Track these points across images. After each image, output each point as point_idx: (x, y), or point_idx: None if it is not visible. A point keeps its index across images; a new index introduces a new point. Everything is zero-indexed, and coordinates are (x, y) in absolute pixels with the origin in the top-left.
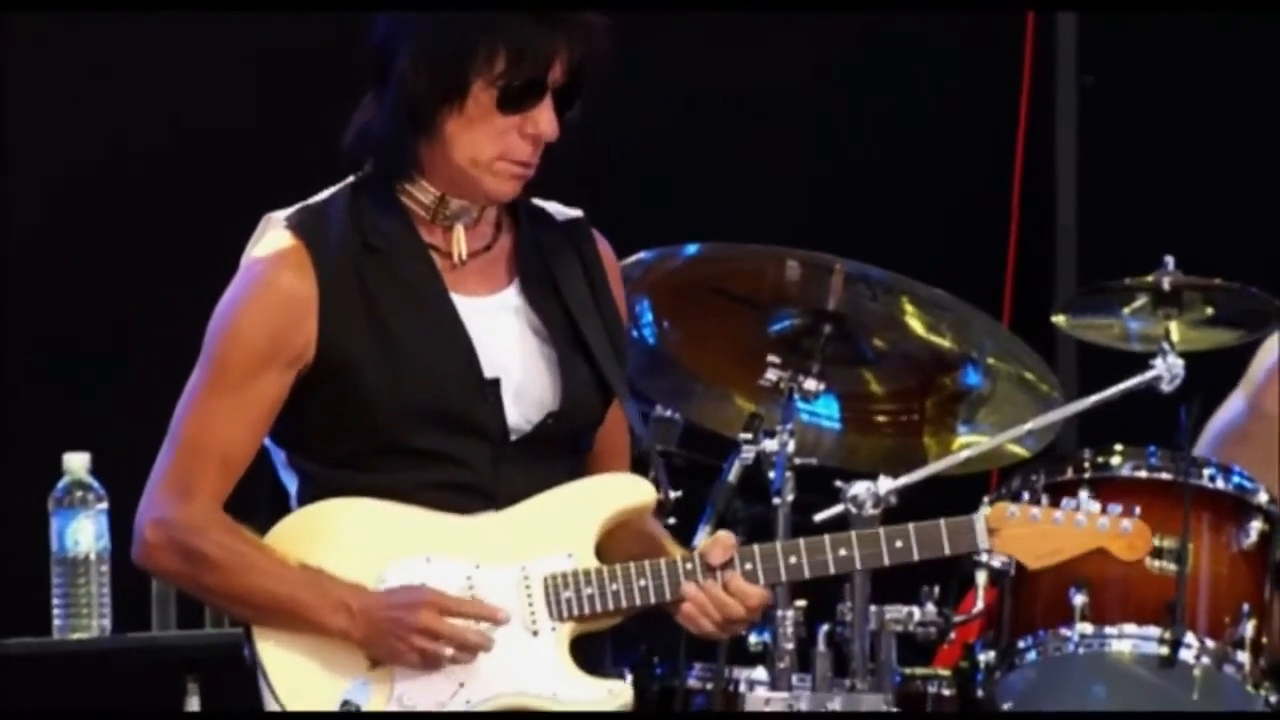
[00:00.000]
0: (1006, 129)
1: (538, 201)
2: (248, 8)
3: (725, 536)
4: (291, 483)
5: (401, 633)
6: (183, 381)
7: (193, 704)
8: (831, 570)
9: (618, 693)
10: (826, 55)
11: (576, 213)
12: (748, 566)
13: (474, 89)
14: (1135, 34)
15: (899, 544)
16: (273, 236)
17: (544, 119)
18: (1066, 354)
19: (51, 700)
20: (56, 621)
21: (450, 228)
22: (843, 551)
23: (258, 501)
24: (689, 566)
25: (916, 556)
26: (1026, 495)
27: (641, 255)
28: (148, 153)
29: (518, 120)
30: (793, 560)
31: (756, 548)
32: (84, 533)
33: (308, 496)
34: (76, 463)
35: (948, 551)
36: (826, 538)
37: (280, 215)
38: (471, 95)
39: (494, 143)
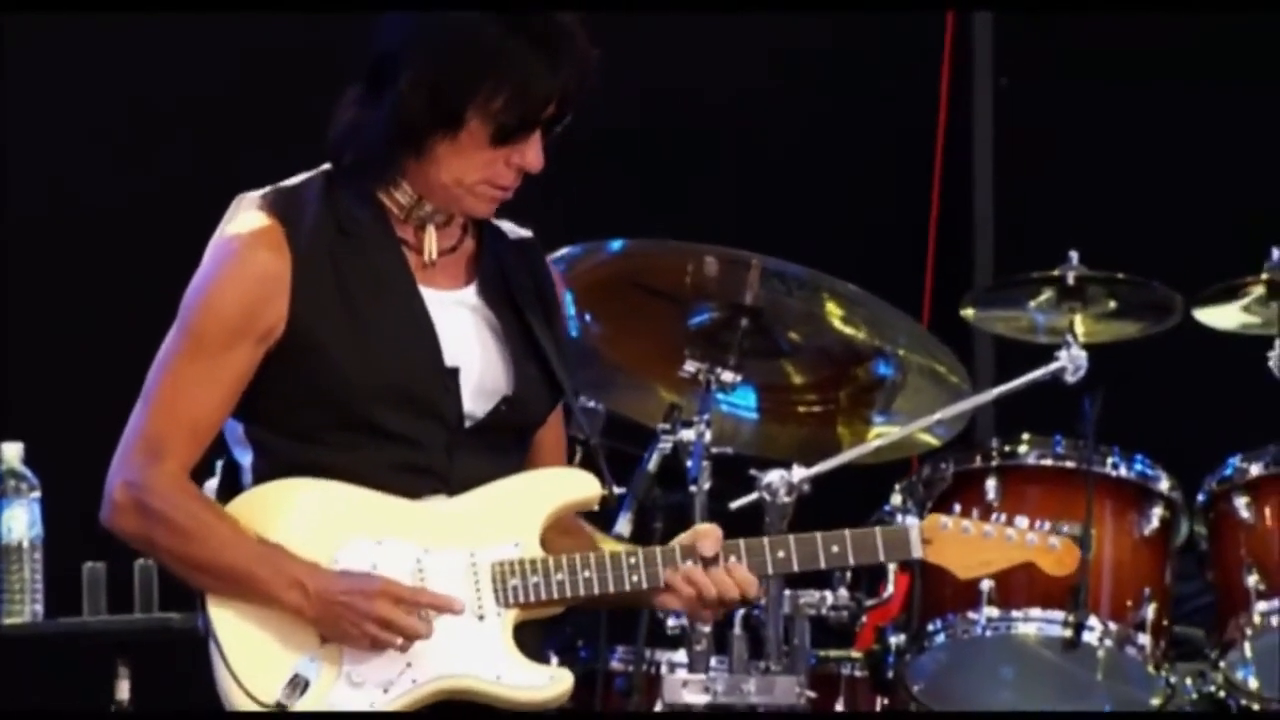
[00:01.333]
0: (926, 129)
1: (493, 220)
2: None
3: (712, 529)
4: (244, 457)
5: (354, 618)
6: (116, 375)
7: (122, 687)
8: (770, 571)
9: (559, 678)
10: (750, 55)
11: (527, 233)
12: (687, 563)
13: (469, 121)
14: (1048, 39)
15: (835, 549)
16: (248, 215)
17: (531, 153)
18: (984, 345)
19: None
20: None
21: (422, 226)
22: (780, 554)
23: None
24: (632, 561)
25: (852, 562)
26: (937, 482)
27: (567, 250)
28: (91, 148)
29: (506, 152)
30: (733, 559)
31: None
32: (17, 520)
33: (263, 470)
34: (10, 452)
35: (882, 559)
36: (766, 540)
37: (254, 195)
38: (466, 127)
39: (480, 169)
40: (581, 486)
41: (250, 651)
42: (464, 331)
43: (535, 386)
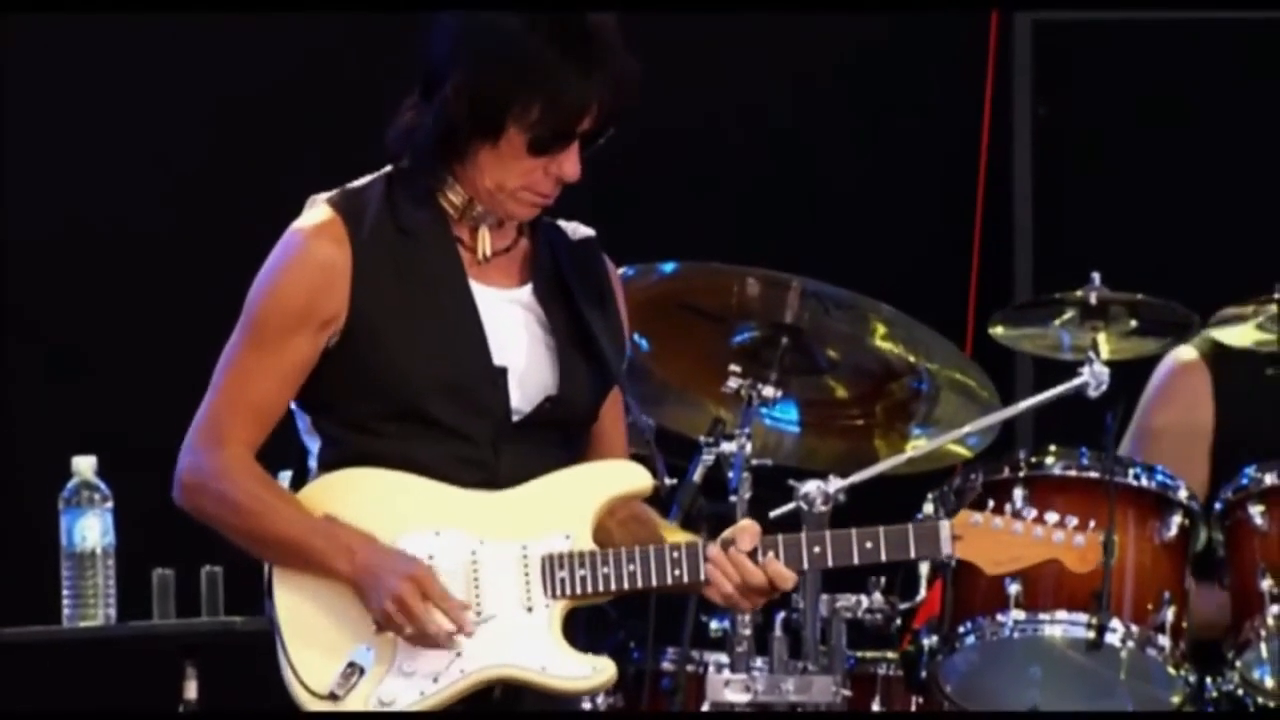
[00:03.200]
0: (970, 154)
1: (556, 220)
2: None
3: (751, 525)
4: (313, 444)
5: (380, 590)
6: (184, 391)
7: (190, 687)
8: (805, 566)
9: (601, 669)
10: (797, 81)
11: (589, 232)
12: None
13: (509, 130)
14: (1086, 71)
15: (869, 544)
16: (314, 211)
17: (569, 164)
18: (1024, 362)
19: (60, 683)
20: (66, 611)
21: (476, 227)
22: (816, 549)
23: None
24: (675, 555)
25: (884, 558)
26: (967, 492)
27: (622, 270)
28: (159, 159)
29: (545, 161)
30: (770, 555)
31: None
32: (91, 529)
33: (328, 458)
34: (84, 465)
35: (913, 555)
36: (803, 536)
37: (323, 195)
38: (506, 135)
39: (520, 177)
40: (632, 478)
41: (309, 640)
42: (514, 329)
43: (583, 383)
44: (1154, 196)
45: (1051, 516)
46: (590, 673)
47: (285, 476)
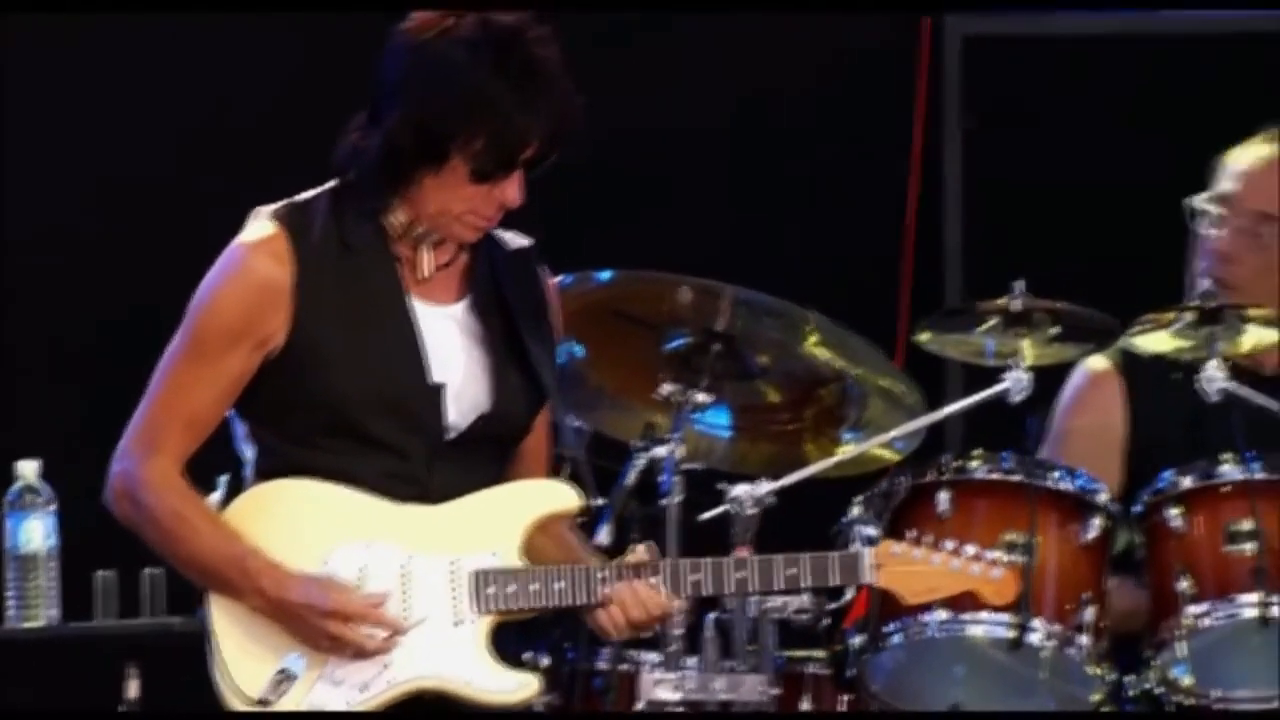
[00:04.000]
0: (901, 166)
1: (493, 230)
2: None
3: (650, 550)
4: (249, 453)
5: (306, 628)
6: (127, 396)
7: (132, 686)
8: (729, 590)
9: (526, 684)
10: (732, 92)
11: (527, 242)
12: (652, 580)
13: (453, 159)
14: (1011, 84)
15: (792, 571)
16: (258, 225)
17: (511, 191)
18: (954, 368)
19: (4, 682)
20: (10, 612)
21: (418, 245)
22: (741, 574)
23: (215, 468)
24: (603, 574)
25: (807, 584)
26: (894, 494)
27: (560, 278)
28: (103, 168)
29: (488, 188)
30: (695, 578)
31: (666, 563)
32: (35, 532)
33: (264, 467)
34: (28, 469)
35: (835, 582)
36: (729, 560)
37: (267, 209)
38: (450, 164)
39: (464, 202)
40: (561, 498)
41: (241, 646)
42: (451, 346)
43: (516, 398)
44: (1078, 207)
45: (969, 549)
46: (515, 687)
47: (224, 480)
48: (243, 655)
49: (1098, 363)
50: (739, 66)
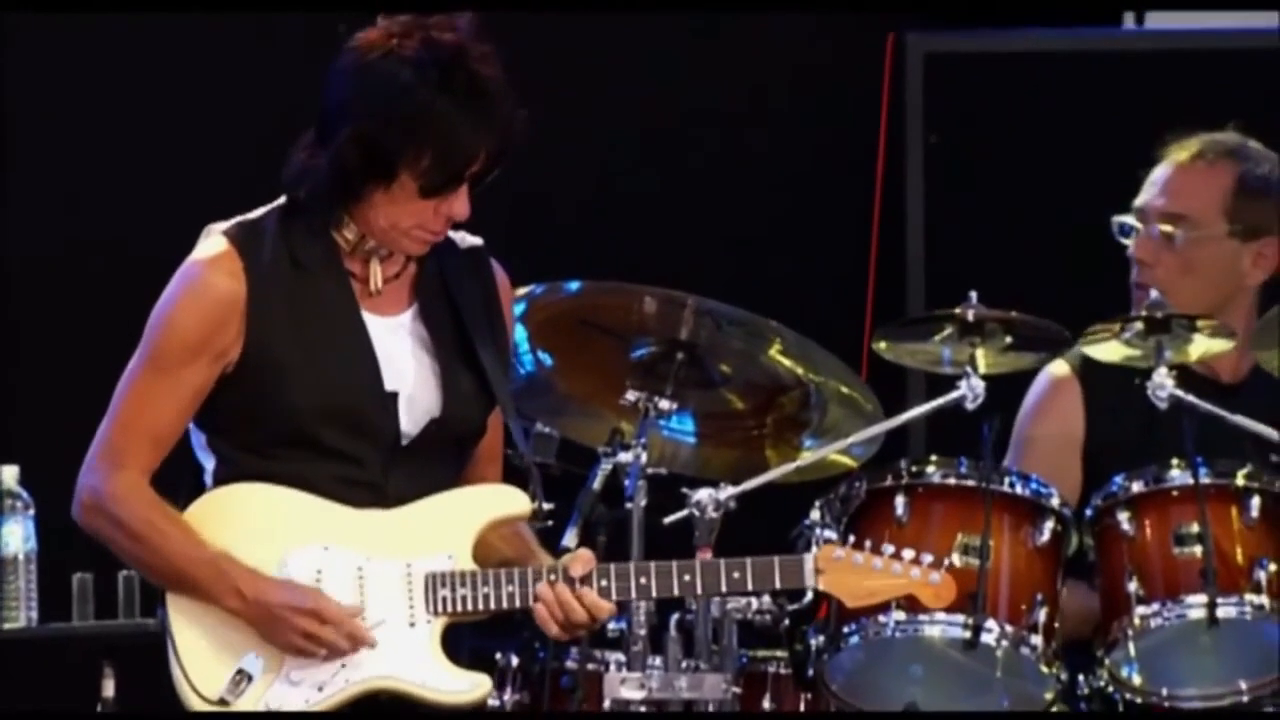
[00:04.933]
0: (866, 180)
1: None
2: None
3: (586, 554)
4: (208, 462)
5: (284, 629)
6: (104, 405)
7: (108, 686)
8: (675, 593)
9: (478, 684)
10: (701, 107)
11: (477, 241)
12: (603, 583)
13: (401, 175)
14: (971, 100)
15: (736, 575)
16: (211, 243)
17: (458, 205)
18: (917, 377)
19: None
20: None
21: (368, 260)
22: (686, 578)
23: (178, 476)
24: (552, 578)
25: (751, 588)
26: (852, 499)
27: (530, 288)
28: (84, 172)
29: (435, 202)
30: (642, 581)
31: (613, 567)
32: (13, 535)
33: (221, 475)
34: (7, 474)
35: (779, 586)
36: (674, 564)
37: (219, 226)
38: (399, 180)
39: (412, 217)
40: (511, 503)
41: (200, 647)
42: (403, 355)
43: (467, 402)
44: (1035, 219)
45: (908, 554)
46: (468, 687)
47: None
48: (200, 656)
49: (1058, 369)
50: (707, 82)
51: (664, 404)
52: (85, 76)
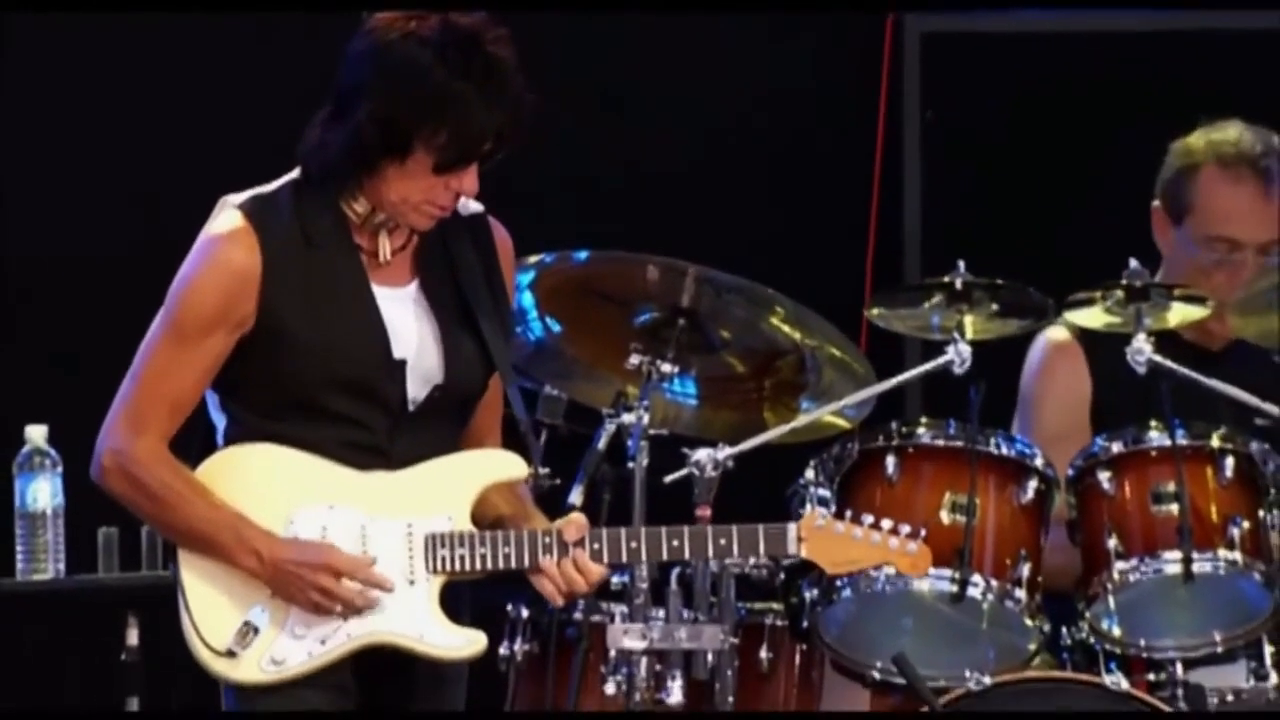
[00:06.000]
0: (866, 155)
1: None
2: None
3: (579, 519)
4: (220, 421)
5: (301, 585)
6: (126, 368)
7: (132, 634)
8: (665, 557)
9: (473, 640)
10: (706, 82)
11: (478, 208)
12: (595, 546)
13: (416, 151)
14: (967, 78)
15: (722, 541)
16: (228, 217)
17: (468, 181)
18: (913, 344)
19: (14, 630)
20: (19, 565)
21: (377, 233)
22: (675, 543)
23: (191, 434)
24: (547, 540)
25: (736, 555)
26: (845, 459)
27: (542, 256)
28: (110, 143)
29: (446, 178)
30: (633, 545)
31: (605, 531)
32: (42, 492)
33: (232, 435)
34: (36, 433)
35: (763, 552)
36: (663, 530)
37: (235, 199)
38: (413, 155)
39: (423, 192)
40: (508, 467)
41: (209, 601)
42: (409, 324)
43: (469, 369)
44: (1027, 192)
45: (886, 523)
46: (463, 643)
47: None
48: (209, 609)
49: (1058, 334)
50: (711, 60)
51: (666, 367)
52: (115, 45)
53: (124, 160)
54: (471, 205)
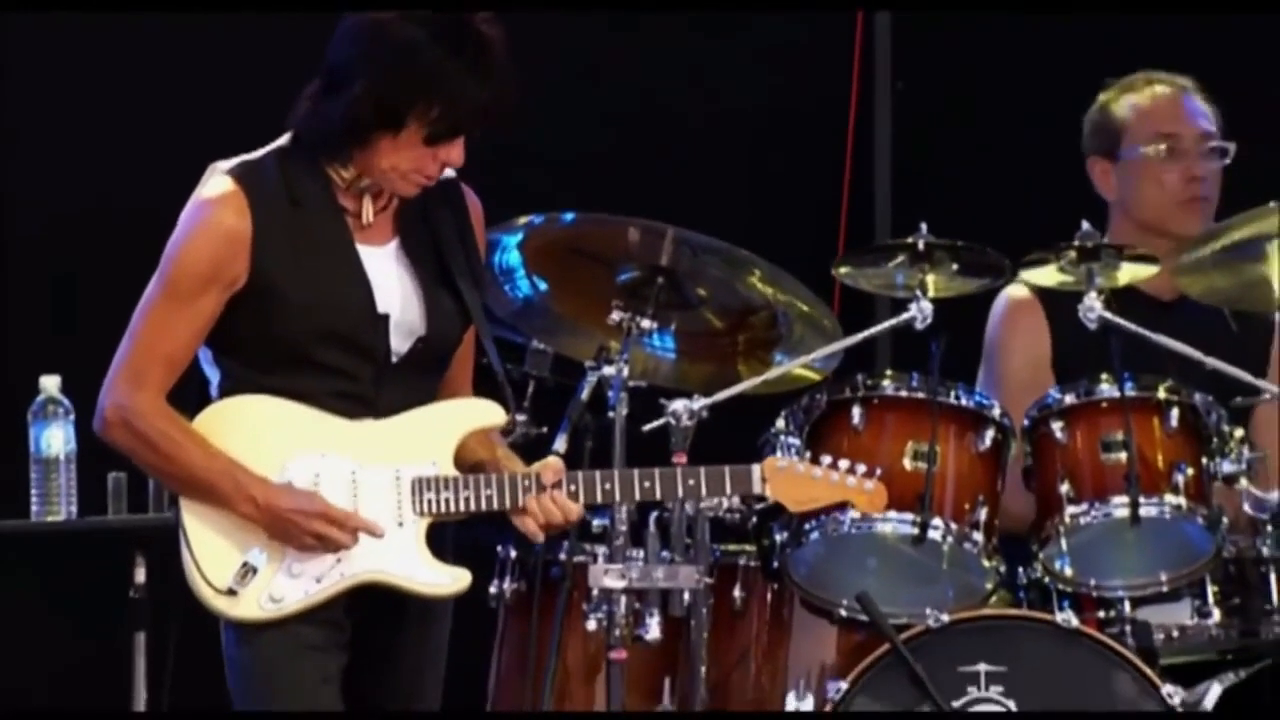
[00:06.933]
0: (839, 123)
1: None
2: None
3: (555, 462)
4: (214, 375)
5: (296, 531)
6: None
7: (140, 573)
8: (637, 498)
9: (458, 578)
10: (689, 58)
11: (450, 173)
12: (572, 488)
13: (409, 124)
14: (936, 50)
15: (691, 482)
16: (218, 181)
17: (455, 153)
18: (884, 303)
19: (29, 569)
20: (34, 508)
21: (361, 195)
22: (647, 484)
23: (188, 387)
24: (526, 484)
25: (704, 494)
26: (814, 409)
27: (531, 218)
28: (120, 110)
29: (435, 150)
30: (607, 487)
31: (580, 474)
32: (56, 438)
33: (226, 388)
34: (50, 383)
35: (729, 493)
36: (636, 472)
37: (224, 165)
38: (405, 128)
39: (412, 162)
40: (488, 414)
41: (209, 543)
42: (391, 280)
43: (449, 322)
44: (991, 157)
45: (844, 463)
46: (449, 581)
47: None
48: (210, 550)
49: (1019, 291)
50: (692, 36)
51: (646, 323)
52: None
53: (139, 131)
54: (445, 171)
